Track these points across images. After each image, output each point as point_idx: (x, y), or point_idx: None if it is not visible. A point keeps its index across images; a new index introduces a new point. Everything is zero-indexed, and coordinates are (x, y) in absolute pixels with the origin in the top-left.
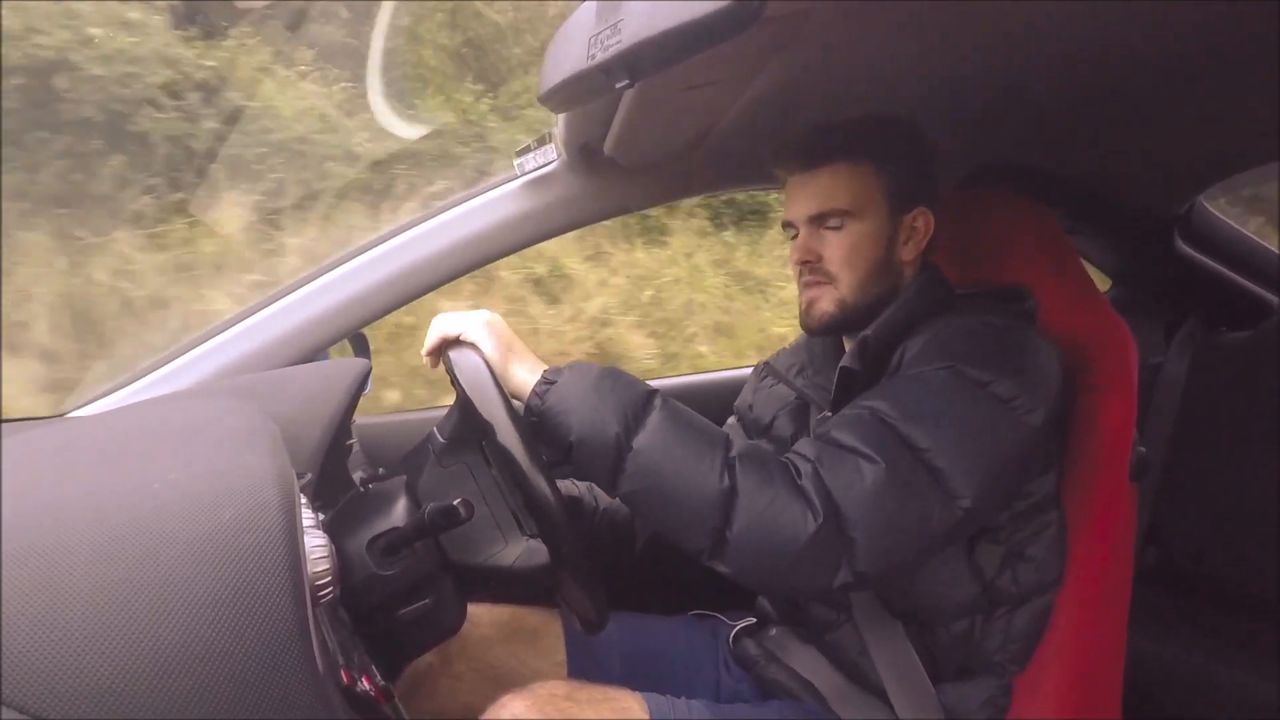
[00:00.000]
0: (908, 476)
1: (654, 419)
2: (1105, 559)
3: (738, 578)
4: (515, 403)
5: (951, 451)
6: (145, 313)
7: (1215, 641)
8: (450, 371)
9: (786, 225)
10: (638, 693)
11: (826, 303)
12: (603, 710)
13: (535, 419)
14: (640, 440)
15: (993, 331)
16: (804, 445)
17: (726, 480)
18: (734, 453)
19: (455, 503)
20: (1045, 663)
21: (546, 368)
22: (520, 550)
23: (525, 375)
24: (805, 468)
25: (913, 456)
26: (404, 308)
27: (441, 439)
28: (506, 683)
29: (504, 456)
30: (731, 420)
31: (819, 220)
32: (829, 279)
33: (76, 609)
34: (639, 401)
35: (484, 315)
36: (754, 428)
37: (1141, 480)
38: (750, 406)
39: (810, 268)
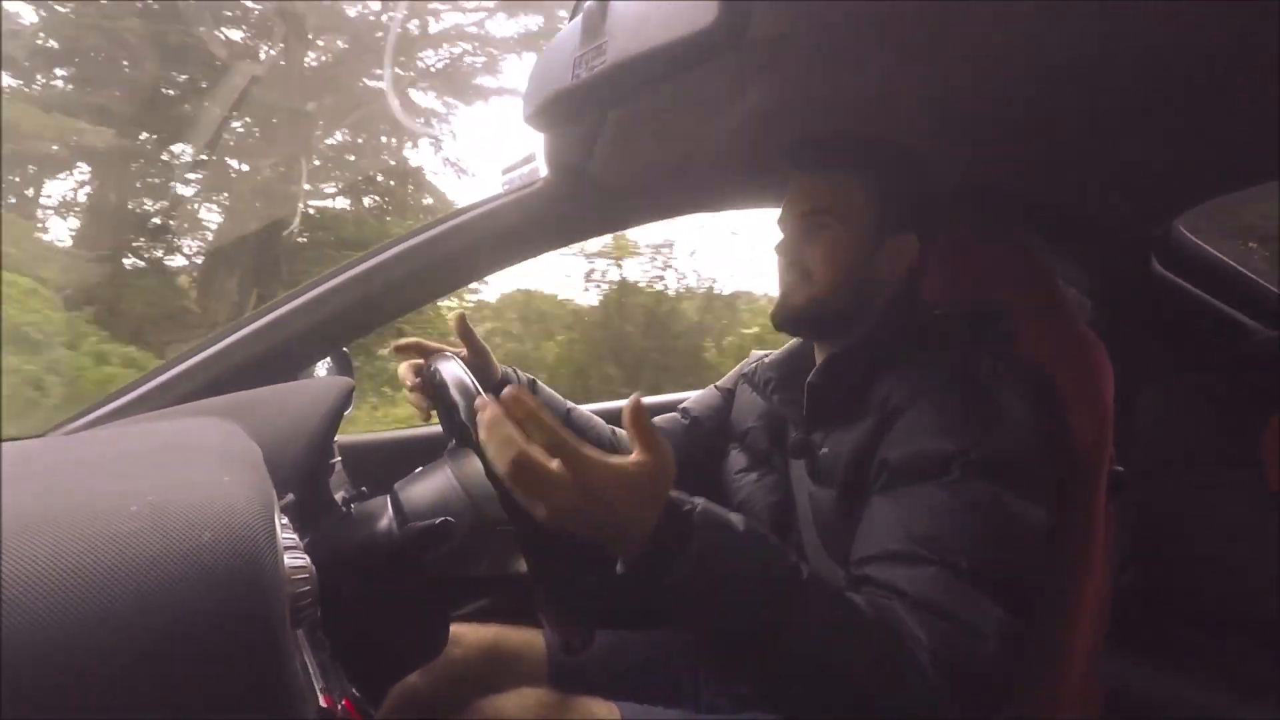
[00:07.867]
0: (1006, 614)
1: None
2: (1082, 579)
3: None
4: None
5: (1020, 560)
6: None
7: (1193, 663)
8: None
9: (780, 222)
10: (612, 701)
11: (798, 297)
12: (571, 714)
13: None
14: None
15: (983, 393)
16: (912, 621)
17: None
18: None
19: (438, 522)
20: (1023, 682)
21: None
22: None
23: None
24: (924, 657)
25: (1007, 594)
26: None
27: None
28: None
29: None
30: (673, 415)
31: (808, 218)
32: (806, 275)
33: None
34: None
35: None
36: (730, 434)
37: (1120, 500)
38: (733, 396)
39: (790, 262)
